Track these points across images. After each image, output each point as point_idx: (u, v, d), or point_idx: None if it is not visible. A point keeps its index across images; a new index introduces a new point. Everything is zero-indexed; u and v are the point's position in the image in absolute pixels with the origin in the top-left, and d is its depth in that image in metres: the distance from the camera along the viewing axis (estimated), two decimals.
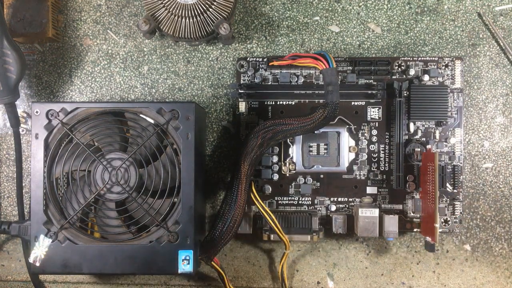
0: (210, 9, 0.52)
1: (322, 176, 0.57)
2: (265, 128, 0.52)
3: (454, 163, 0.56)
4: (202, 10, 0.52)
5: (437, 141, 0.56)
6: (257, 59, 0.57)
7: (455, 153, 0.56)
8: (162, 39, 0.59)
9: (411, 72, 0.56)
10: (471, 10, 0.58)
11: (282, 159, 0.56)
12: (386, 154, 0.56)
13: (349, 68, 0.57)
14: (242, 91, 0.56)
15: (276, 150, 0.56)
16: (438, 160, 0.52)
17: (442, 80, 0.56)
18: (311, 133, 0.54)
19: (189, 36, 0.52)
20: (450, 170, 0.55)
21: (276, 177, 0.57)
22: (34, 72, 0.59)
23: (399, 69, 0.56)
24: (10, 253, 0.60)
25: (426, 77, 0.56)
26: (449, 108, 0.56)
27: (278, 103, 0.57)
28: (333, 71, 0.50)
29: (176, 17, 0.52)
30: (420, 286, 0.58)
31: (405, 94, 0.55)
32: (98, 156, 0.49)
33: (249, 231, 0.55)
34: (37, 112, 0.49)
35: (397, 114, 0.55)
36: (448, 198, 0.56)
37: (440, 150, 0.56)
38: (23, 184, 0.56)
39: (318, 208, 0.57)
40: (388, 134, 0.56)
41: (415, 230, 0.56)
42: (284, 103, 0.57)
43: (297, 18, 0.58)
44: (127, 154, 0.49)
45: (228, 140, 0.58)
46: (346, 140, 0.56)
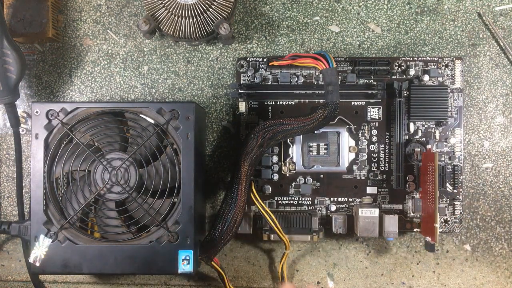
0: (210, 9, 0.52)
1: (322, 176, 0.57)
2: (265, 128, 0.52)
3: (454, 163, 0.56)
4: (202, 10, 0.52)
5: (437, 141, 0.56)
6: (257, 59, 0.57)
7: (455, 153, 0.56)
8: (162, 39, 0.59)
9: (411, 72, 0.56)
10: (471, 10, 0.58)
11: (282, 159, 0.56)
12: (386, 154, 0.56)
13: (349, 68, 0.57)
14: (242, 91, 0.56)
15: (276, 150, 0.56)
16: (438, 160, 0.52)
17: (442, 80, 0.56)
18: (311, 133, 0.54)
19: (189, 36, 0.52)
20: (450, 170, 0.55)
21: (276, 177, 0.57)
22: (34, 72, 0.59)
23: (399, 69, 0.56)
24: (10, 253, 0.60)
25: (426, 77, 0.56)
26: (449, 108, 0.56)
27: (278, 103, 0.57)
28: (333, 71, 0.50)
29: (176, 17, 0.52)
30: (420, 286, 0.58)
31: (405, 94, 0.55)
32: (98, 156, 0.49)
33: (249, 231, 0.55)
34: (37, 112, 0.49)
35: (397, 114, 0.55)
36: (448, 198, 0.56)
37: (440, 150, 0.56)
38: (23, 184, 0.56)
39: (318, 208, 0.57)
40: (388, 134, 0.56)
41: (415, 230, 0.56)
42: (284, 103, 0.57)
43: (297, 18, 0.58)
44: (127, 154, 0.49)
45: (228, 140, 0.58)
46: (346, 140, 0.56)
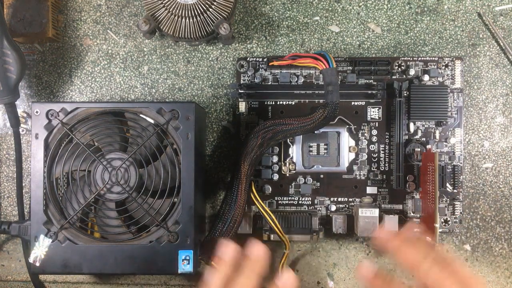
0: (210, 9, 0.52)
1: (322, 176, 0.57)
2: (265, 128, 0.52)
3: (454, 163, 0.56)
4: (202, 10, 0.52)
5: (437, 141, 0.56)
6: (257, 59, 0.57)
7: (455, 153, 0.56)
8: (162, 39, 0.59)
9: (411, 72, 0.56)
10: (471, 10, 0.58)
11: (282, 159, 0.56)
12: (386, 154, 0.56)
13: (349, 68, 0.57)
14: (242, 91, 0.56)
15: (276, 150, 0.56)
16: (438, 160, 0.52)
17: (442, 80, 0.56)
18: (311, 133, 0.54)
19: (189, 36, 0.52)
20: (450, 170, 0.55)
21: (276, 177, 0.57)
22: (34, 72, 0.59)
23: (399, 69, 0.56)
24: (10, 253, 0.60)
25: (426, 77, 0.56)
26: (449, 108, 0.56)
27: (278, 103, 0.57)
28: (333, 71, 0.50)
29: (176, 17, 0.52)
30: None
31: (405, 94, 0.55)
32: (98, 156, 0.49)
33: (249, 231, 0.55)
34: (37, 112, 0.49)
35: (397, 114, 0.55)
36: (448, 198, 0.56)
37: (440, 150, 0.56)
38: (23, 184, 0.56)
39: (318, 208, 0.57)
40: (388, 134, 0.56)
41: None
42: (284, 103, 0.57)
43: (297, 18, 0.58)
44: (127, 154, 0.49)
45: (228, 140, 0.58)
46: (346, 140, 0.56)
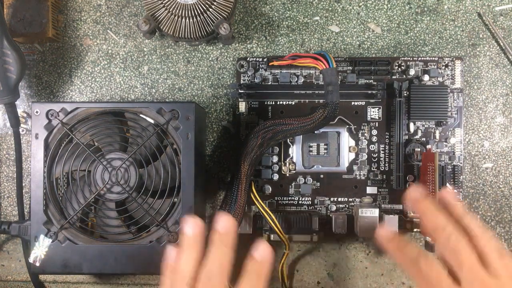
0: (210, 9, 0.52)
1: (322, 176, 0.57)
2: (265, 128, 0.52)
3: (454, 163, 0.56)
4: (202, 10, 0.52)
5: (437, 141, 0.56)
6: (257, 59, 0.57)
7: (455, 153, 0.56)
8: (162, 39, 0.59)
9: (411, 72, 0.56)
10: (471, 10, 0.58)
11: (282, 159, 0.56)
12: (386, 154, 0.56)
13: (349, 68, 0.57)
14: (242, 91, 0.56)
15: (276, 150, 0.56)
16: (438, 160, 0.52)
17: (442, 80, 0.56)
18: (311, 133, 0.54)
19: (189, 36, 0.52)
20: (450, 170, 0.56)
21: (276, 177, 0.57)
22: (34, 72, 0.59)
23: (399, 69, 0.56)
24: (10, 253, 0.60)
25: (426, 77, 0.56)
26: (449, 108, 0.56)
27: (278, 103, 0.57)
28: (333, 71, 0.50)
29: (176, 17, 0.52)
30: None
31: (405, 94, 0.55)
32: (98, 156, 0.49)
33: (249, 231, 0.55)
34: (37, 112, 0.49)
35: (397, 114, 0.55)
36: None
37: (440, 150, 0.56)
38: (23, 184, 0.56)
39: (318, 208, 0.57)
40: (388, 134, 0.56)
41: (415, 230, 0.55)
42: (284, 103, 0.57)
43: (297, 18, 0.58)
44: (127, 154, 0.49)
45: (228, 140, 0.58)
46: (346, 140, 0.56)
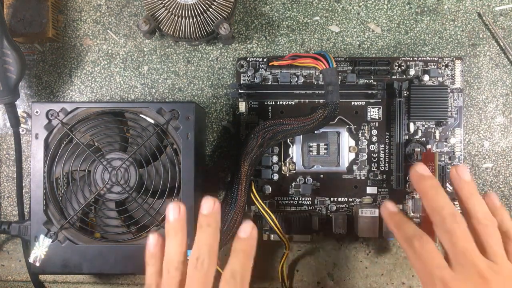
0: (210, 9, 0.52)
1: (322, 176, 0.57)
2: (265, 128, 0.52)
3: (454, 163, 0.56)
4: (202, 10, 0.52)
5: (437, 141, 0.56)
6: (257, 59, 0.57)
7: (455, 153, 0.56)
8: (162, 39, 0.59)
9: (411, 72, 0.56)
10: (471, 10, 0.58)
11: (282, 159, 0.56)
12: (386, 154, 0.56)
13: (349, 68, 0.57)
14: (242, 91, 0.56)
15: (276, 150, 0.56)
16: (438, 160, 0.52)
17: (442, 80, 0.56)
18: (311, 133, 0.54)
19: (189, 36, 0.52)
20: (450, 170, 0.55)
21: (276, 177, 0.57)
22: (34, 72, 0.59)
23: (399, 69, 0.56)
24: (10, 253, 0.60)
25: (426, 77, 0.56)
26: (449, 108, 0.56)
27: (278, 103, 0.57)
28: (333, 71, 0.50)
29: (176, 17, 0.52)
30: (420, 286, 0.58)
31: (405, 94, 0.55)
32: (98, 156, 0.49)
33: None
34: (37, 112, 0.49)
35: (397, 114, 0.55)
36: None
37: (440, 150, 0.56)
38: (23, 184, 0.56)
39: (318, 208, 0.57)
40: (388, 134, 0.56)
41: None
42: (284, 103, 0.57)
43: (297, 18, 0.58)
44: (127, 154, 0.49)
45: (228, 140, 0.58)
46: (346, 140, 0.56)
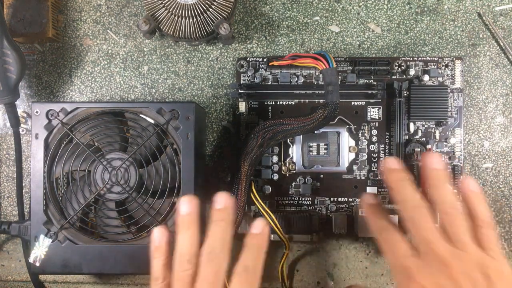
0: (210, 9, 0.52)
1: (322, 176, 0.57)
2: (265, 128, 0.52)
3: (454, 163, 0.56)
4: (202, 10, 0.52)
5: (437, 141, 0.56)
6: (257, 59, 0.57)
7: (455, 153, 0.56)
8: (162, 39, 0.59)
9: (411, 72, 0.56)
10: (471, 10, 0.58)
11: (282, 159, 0.56)
12: (386, 154, 0.56)
13: (349, 68, 0.57)
14: (242, 91, 0.56)
15: (276, 150, 0.56)
16: None
17: (442, 80, 0.56)
18: (311, 133, 0.54)
19: (189, 36, 0.52)
20: (450, 170, 0.56)
21: (276, 177, 0.57)
22: (34, 72, 0.59)
23: (399, 69, 0.56)
24: (10, 253, 0.60)
25: (426, 77, 0.56)
26: (449, 108, 0.56)
27: (278, 103, 0.57)
28: (333, 71, 0.50)
29: (176, 17, 0.52)
30: None
31: (405, 94, 0.55)
32: (98, 156, 0.49)
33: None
34: (37, 112, 0.49)
35: (397, 114, 0.55)
36: None
37: (440, 150, 0.56)
38: (23, 184, 0.56)
39: (318, 208, 0.57)
40: (388, 134, 0.56)
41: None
42: (284, 103, 0.57)
43: (297, 18, 0.58)
44: (127, 154, 0.49)
45: (228, 140, 0.58)
46: (346, 140, 0.56)
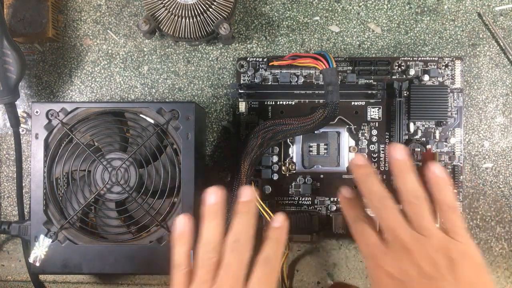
0: (210, 9, 0.52)
1: (322, 176, 0.57)
2: (265, 128, 0.52)
3: (454, 163, 0.56)
4: (202, 10, 0.52)
5: (437, 141, 0.56)
6: (257, 59, 0.57)
7: (455, 153, 0.56)
8: (162, 39, 0.59)
9: (411, 72, 0.56)
10: (471, 10, 0.58)
11: (282, 159, 0.56)
12: (386, 154, 0.56)
13: (349, 68, 0.57)
14: (242, 91, 0.56)
15: (276, 150, 0.56)
16: (438, 160, 0.52)
17: (442, 80, 0.56)
18: (311, 133, 0.54)
19: (189, 36, 0.52)
20: (450, 170, 0.56)
21: (276, 177, 0.57)
22: (34, 72, 0.59)
23: (399, 69, 0.56)
24: (10, 253, 0.60)
25: (426, 77, 0.56)
26: (449, 108, 0.56)
27: (278, 103, 0.57)
28: (333, 71, 0.50)
29: (176, 17, 0.52)
30: None
31: (405, 94, 0.55)
32: (98, 156, 0.49)
33: None
34: (37, 112, 0.49)
35: (397, 114, 0.55)
36: None
37: (440, 150, 0.56)
38: (23, 184, 0.56)
39: (318, 208, 0.57)
40: (388, 134, 0.56)
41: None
42: (284, 103, 0.57)
43: (297, 18, 0.58)
44: (127, 154, 0.49)
45: (228, 140, 0.58)
46: (346, 140, 0.56)
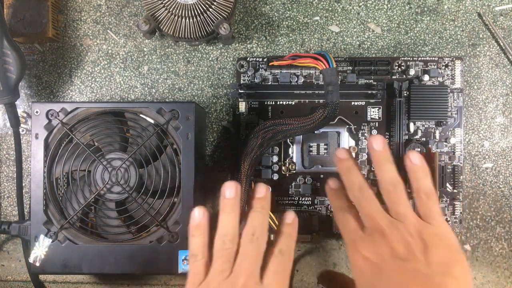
0: (210, 9, 0.52)
1: (322, 176, 0.57)
2: (265, 128, 0.52)
3: (454, 163, 0.56)
4: (202, 10, 0.52)
5: (437, 141, 0.56)
6: (257, 59, 0.57)
7: (455, 153, 0.56)
8: (162, 39, 0.59)
9: (411, 72, 0.56)
10: (471, 10, 0.58)
11: (282, 159, 0.56)
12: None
13: (349, 68, 0.57)
14: (242, 91, 0.56)
15: (276, 150, 0.56)
16: (438, 160, 0.52)
17: (442, 80, 0.56)
18: (311, 133, 0.54)
19: (189, 36, 0.52)
20: (450, 170, 0.56)
21: (276, 177, 0.57)
22: (34, 72, 0.59)
23: (399, 69, 0.56)
24: (10, 253, 0.60)
25: (426, 77, 0.56)
26: (449, 108, 0.56)
27: (278, 103, 0.57)
28: (333, 71, 0.50)
29: (176, 17, 0.52)
30: None
31: (405, 94, 0.55)
32: (98, 156, 0.49)
33: None
34: (37, 112, 0.49)
35: (397, 114, 0.55)
36: (448, 198, 0.56)
37: (440, 150, 0.56)
38: (23, 184, 0.56)
39: (318, 208, 0.57)
40: (388, 134, 0.56)
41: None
42: (284, 103, 0.57)
43: (297, 18, 0.58)
44: (127, 154, 0.49)
45: (228, 140, 0.58)
46: (346, 140, 0.56)
